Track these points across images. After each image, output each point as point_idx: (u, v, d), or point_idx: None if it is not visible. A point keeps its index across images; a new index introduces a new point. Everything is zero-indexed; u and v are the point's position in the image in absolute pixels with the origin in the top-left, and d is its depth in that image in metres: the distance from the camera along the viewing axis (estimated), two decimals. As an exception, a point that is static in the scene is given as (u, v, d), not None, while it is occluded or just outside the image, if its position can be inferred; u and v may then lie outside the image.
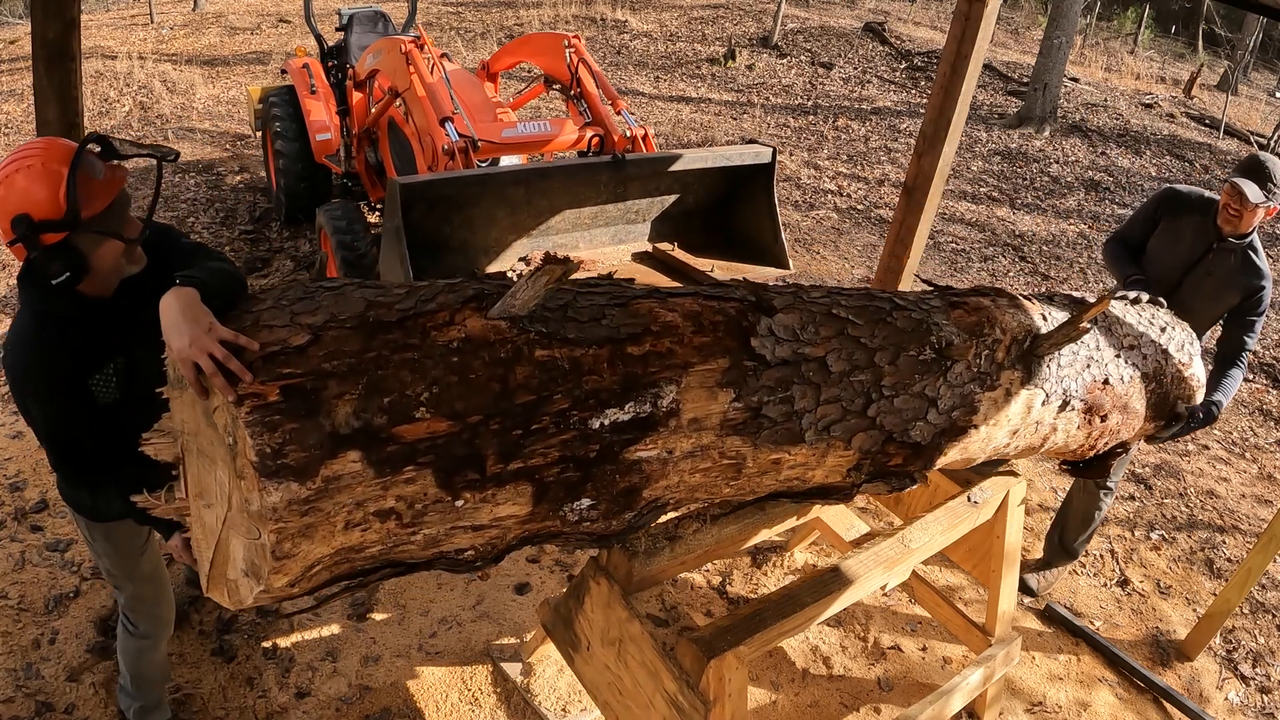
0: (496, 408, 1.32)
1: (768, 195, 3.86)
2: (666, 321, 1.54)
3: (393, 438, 1.24)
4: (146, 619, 2.19)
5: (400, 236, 2.96)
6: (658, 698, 1.88)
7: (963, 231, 7.49)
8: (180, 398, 1.34)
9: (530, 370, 1.36)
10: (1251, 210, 2.68)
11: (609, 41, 11.97)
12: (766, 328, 1.63)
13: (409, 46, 4.01)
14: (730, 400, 1.57)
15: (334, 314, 1.28)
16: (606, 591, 1.99)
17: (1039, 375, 2.00)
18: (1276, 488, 4.45)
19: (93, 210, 1.56)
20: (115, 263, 1.67)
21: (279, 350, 1.21)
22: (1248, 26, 15.39)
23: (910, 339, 1.80)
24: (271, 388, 1.18)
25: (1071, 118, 10.21)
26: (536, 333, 1.39)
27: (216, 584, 1.35)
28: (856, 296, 1.84)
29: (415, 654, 2.79)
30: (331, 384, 1.21)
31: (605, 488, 1.48)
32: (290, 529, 1.18)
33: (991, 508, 2.48)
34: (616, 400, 1.44)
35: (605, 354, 1.44)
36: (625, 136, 3.88)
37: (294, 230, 5.85)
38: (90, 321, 1.72)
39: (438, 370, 1.29)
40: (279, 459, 1.15)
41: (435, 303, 1.36)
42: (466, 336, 1.33)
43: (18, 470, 3.36)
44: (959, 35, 2.99)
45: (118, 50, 10.20)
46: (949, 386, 1.84)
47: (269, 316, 1.27)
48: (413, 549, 1.36)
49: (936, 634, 3.16)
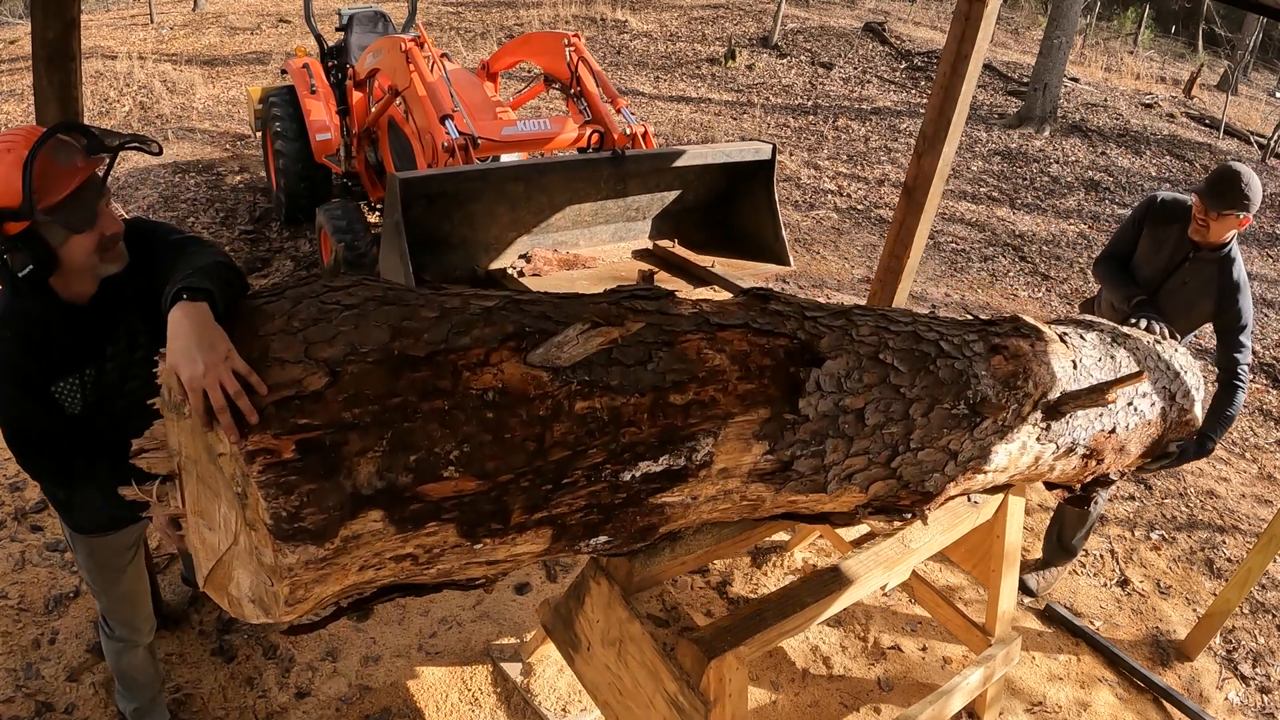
0: (529, 466, 1.22)
1: (768, 192, 3.86)
2: (713, 366, 1.44)
3: (418, 496, 1.15)
4: (121, 626, 2.19)
5: (400, 232, 2.96)
6: (658, 698, 1.88)
7: (963, 231, 7.49)
8: (177, 422, 1.21)
9: (569, 425, 1.25)
10: (1219, 221, 2.65)
11: (609, 41, 11.97)
12: (815, 381, 1.54)
13: (409, 45, 4.01)
14: (764, 452, 1.51)
15: (354, 344, 1.13)
16: (607, 592, 1.99)
17: (1055, 429, 1.99)
18: (1276, 488, 4.45)
19: (51, 200, 1.48)
20: (87, 259, 1.58)
21: (294, 395, 1.08)
22: (1248, 26, 15.39)
23: (947, 391, 1.73)
24: (286, 443, 1.05)
25: (1071, 118, 10.21)
26: (579, 382, 1.27)
27: (215, 588, 1.27)
28: (905, 335, 1.73)
29: (415, 654, 2.79)
30: (353, 438, 1.09)
31: (624, 526, 1.43)
32: (304, 580, 1.12)
33: (991, 508, 2.48)
34: (652, 453, 1.36)
35: (647, 403, 1.34)
36: (625, 134, 3.89)
37: (294, 230, 5.85)
38: (62, 325, 1.64)
39: (470, 427, 1.17)
40: (295, 522, 1.06)
41: (469, 336, 1.22)
42: (503, 387, 1.21)
43: (18, 470, 3.36)
44: (959, 35, 2.98)
45: (118, 50, 10.20)
46: (972, 440, 1.80)
47: (279, 346, 1.12)
48: (424, 579, 1.31)
49: (936, 634, 3.16)
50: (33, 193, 1.43)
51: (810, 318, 1.64)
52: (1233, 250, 2.76)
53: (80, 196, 1.52)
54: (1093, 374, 2.06)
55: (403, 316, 1.20)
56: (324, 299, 1.19)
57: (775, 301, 1.64)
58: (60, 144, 1.50)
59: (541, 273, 3.48)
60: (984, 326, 1.94)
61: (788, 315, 1.61)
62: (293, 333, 1.13)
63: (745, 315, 1.56)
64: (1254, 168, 9.33)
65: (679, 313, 1.49)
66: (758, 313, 1.59)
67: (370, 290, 1.24)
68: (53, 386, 1.65)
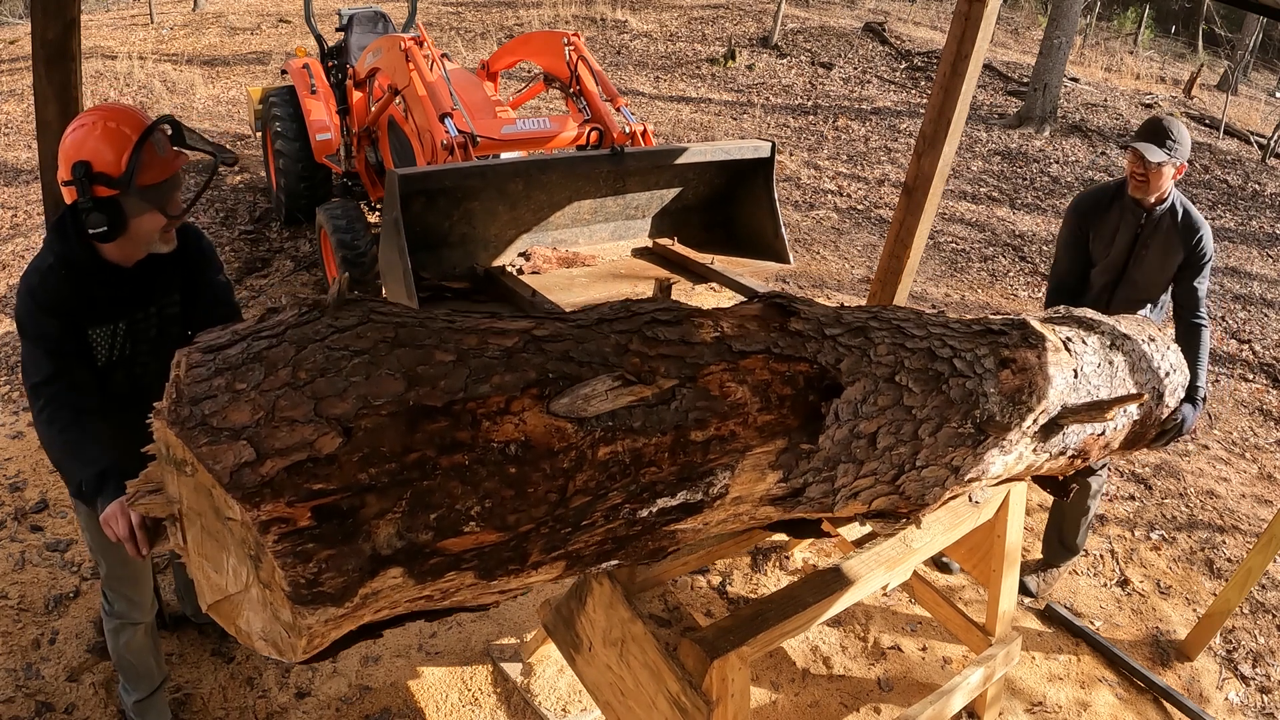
0: (551, 515, 1.20)
1: (768, 190, 3.86)
2: (734, 401, 1.41)
3: (438, 551, 1.11)
4: (119, 599, 2.22)
5: (399, 228, 2.95)
6: (660, 698, 1.88)
7: (963, 231, 7.49)
8: (177, 477, 1.12)
9: (591, 473, 1.22)
10: (1156, 171, 2.68)
11: (609, 42, 11.97)
12: (834, 413, 1.53)
13: (409, 44, 4.01)
14: (777, 480, 1.51)
15: (367, 397, 1.07)
16: (609, 592, 1.99)
17: (1051, 440, 2.01)
18: (1276, 488, 4.45)
19: (147, 180, 1.72)
20: (149, 234, 1.81)
21: (306, 459, 1.01)
22: (1248, 26, 15.39)
23: (956, 410, 1.73)
24: (302, 510, 1.00)
25: (1071, 118, 10.22)
26: (602, 429, 1.23)
27: (221, 617, 1.19)
28: (920, 353, 1.71)
29: (415, 654, 2.78)
30: (371, 500, 1.04)
31: (635, 552, 1.43)
32: (321, 632, 1.10)
33: (992, 508, 2.48)
34: (670, 490, 1.34)
35: (668, 441, 1.31)
36: (624, 133, 3.89)
37: (294, 230, 5.85)
38: (105, 280, 1.85)
39: (492, 482, 1.12)
40: (314, 588, 1.02)
41: (489, 384, 1.16)
42: (526, 440, 1.16)
43: (18, 470, 3.36)
44: (959, 35, 2.98)
45: (118, 50, 10.20)
46: (975, 456, 1.81)
47: (287, 404, 1.04)
48: (437, 607, 1.31)
49: (936, 634, 3.16)
50: (135, 171, 1.68)
51: (830, 336, 1.60)
52: (1177, 199, 2.81)
53: (167, 183, 1.78)
54: (1092, 381, 2.07)
55: (417, 361, 1.13)
56: (330, 344, 1.10)
57: (796, 320, 1.60)
58: (161, 135, 1.76)
59: (541, 270, 3.48)
60: (995, 338, 1.93)
61: (808, 336, 1.58)
62: (299, 387, 1.05)
63: (767, 339, 1.52)
64: (1254, 168, 9.34)
65: (701, 339, 1.44)
66: (779, 334, 1.55)
67: (380, 330, 1.16)
68: (90, 330, 1.85)
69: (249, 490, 0.98)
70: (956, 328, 1.88)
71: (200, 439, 1.02)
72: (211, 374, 1.07)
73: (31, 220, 6.01)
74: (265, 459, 1.00)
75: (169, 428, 1.05)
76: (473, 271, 3.39)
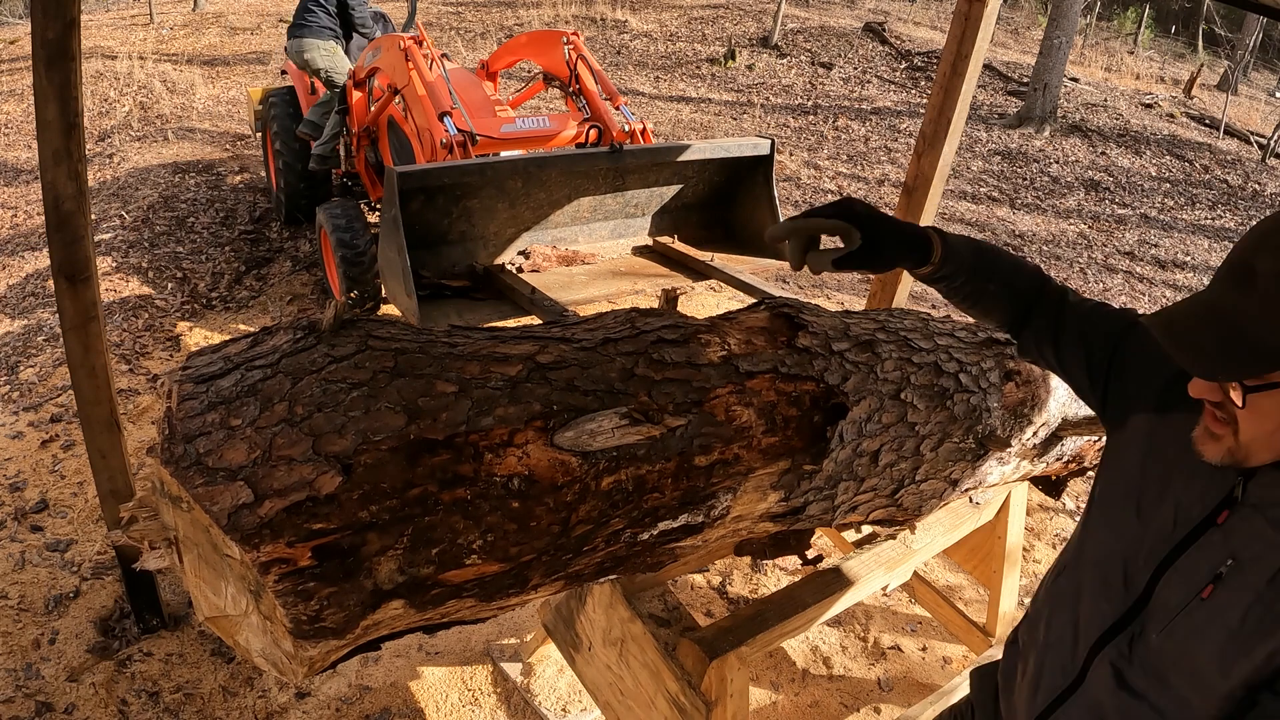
0: (553, 545, 1.19)
1: (767, 187, 3.86)
2: (740, 425, 1.38)
3: (440, 584, 1.11)
4: None
5: (398, 226, 2.95)
6: (659, 698, 1.87)
7: (963, 231, 7.48)
8: (172, 510, 1.08)
9: (594, 503, 1.21)
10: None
11: (609, 41, 11.97)
12: (839, 435, 1.49)
13: (408, 43, 4.02)
14: (778, 499, 1.50)
15: (367, 432, 1.04)
16: (609, 592, 1.99)
17: (1050, 452, 2.00)
18: (1277, 487, 4.45)
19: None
20: None
21: (306, 499, 0.99)
22: (1248, 26, 15.39)
23: (959, 426, 1.71)
24: (302, 550, 0.98)
25: (1071, 118, 10.21)
26: (607, 460, 1.21)
27: (220, 629, 1.17)
28: (927, 368, 1.68)
29: (415, 654, 2.78)
30: (372, 538, 1.03)
31: (634, 568, 1.43)
32: (322, 660, 1.10)
33: (993, 509, 2.47)
34: (672, 514, 1.33)
35: (672, 467, 1.29)
36: (624, 131, 3.89)
37: (294, 230, 5.85)
38: None
39: (494, 517, 1.11)
40: (316, 624, 1.02)
41: (492, 416, 1.13)
42: (530, 474, 1.13)
43: (18, 470, 3.36)
44: (959, 35, 2.98)
45: (118, 50, 10.20)
46: (973, 470, 1.80)
47: (284, 442, 1.01)
48: (434, 625, 1.31)
49: (936, 634, 3.15)
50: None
51: (837, 352, 1.57)
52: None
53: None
54: None
55: (418, 393, 1.10)
56: (328, 376, 1.07)
57: (804, 334, 1.56)
58: None
59: (540, 268, 3.48)
60: (1000, 348, 1.91)
61: (815, 353, 1.54)
62: (296, 423, 1.02)
63: (774, 356, 1.49)
64: (1254, 168, 9.33)
65: (708, 359, 1.41)
66: (786, 350, 1.52)
67: (379, 359, 1.12)
68: None
69: (248, 532, 0.96)
70: (963, 336, 1.86)
71: (196, 479, 0.99)
72: (205, 408, 1.03)
73: (32, 220, 6.01)
74: (263, 500, 0.97)
75: (163, 466, 1.02)
76: (472, 269, 3.39)
